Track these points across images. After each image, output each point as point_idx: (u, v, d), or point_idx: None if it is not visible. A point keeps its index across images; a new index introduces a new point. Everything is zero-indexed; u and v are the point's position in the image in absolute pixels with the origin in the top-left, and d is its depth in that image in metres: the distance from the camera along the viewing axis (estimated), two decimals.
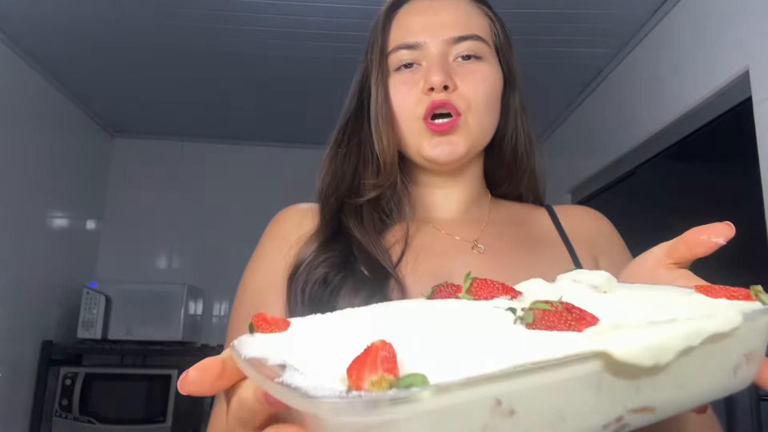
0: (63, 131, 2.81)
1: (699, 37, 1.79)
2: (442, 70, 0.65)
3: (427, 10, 0.69)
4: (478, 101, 0.66)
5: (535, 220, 0.74)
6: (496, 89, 0.69)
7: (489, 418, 0.25)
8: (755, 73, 1.53)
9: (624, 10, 2.01)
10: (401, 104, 0.67)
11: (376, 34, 0.71)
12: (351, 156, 0.72)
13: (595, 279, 0.39)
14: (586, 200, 2.76)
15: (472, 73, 0.67)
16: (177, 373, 2.60)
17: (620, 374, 0.29)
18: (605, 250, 0.71)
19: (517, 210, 0.76)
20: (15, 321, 2.45)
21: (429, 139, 0.66)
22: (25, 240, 2.51)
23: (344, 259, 0.64)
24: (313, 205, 0.73)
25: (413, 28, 0.68)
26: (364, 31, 0.75)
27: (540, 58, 2.34)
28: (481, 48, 0.68)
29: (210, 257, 3.25)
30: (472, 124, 0.66)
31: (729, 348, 0.32)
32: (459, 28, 0.67)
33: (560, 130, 2.99)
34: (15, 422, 2.50)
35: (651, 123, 2.05)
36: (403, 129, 0.68)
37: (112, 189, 3.30)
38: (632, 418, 0.30)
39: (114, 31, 2.23)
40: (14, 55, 2.36)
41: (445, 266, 0.66)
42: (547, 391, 0.27)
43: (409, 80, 0.67)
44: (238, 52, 2.37)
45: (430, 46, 0.67)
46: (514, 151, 0.74)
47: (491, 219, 0.73)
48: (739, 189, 1.81)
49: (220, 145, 3.40)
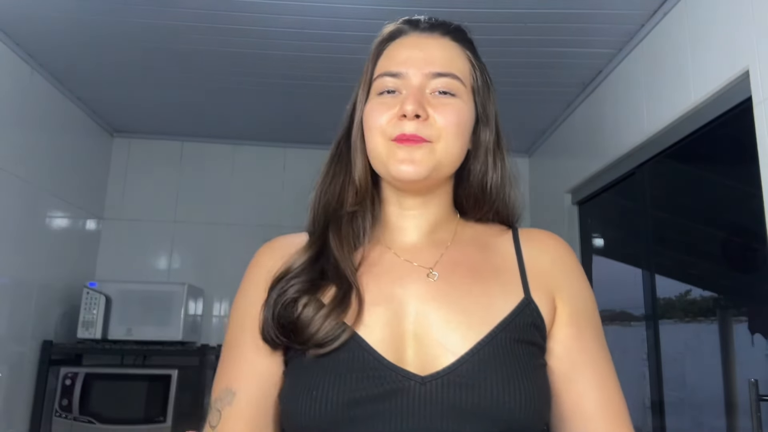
0: (63, 131, 2.82)
1: (699, 37, 1.79)
2: (416, 101, 0.71)
3: (414, 46, 0.76)
4: (448, 131, 0.72)
5: (498, 245, 0.78)
6: (467, 123, 0.75)
7: None
8: (755, 73, 1.53)
9: (624, 10, 2.01)
10: (375, 120, 0.73)
11: (367, 63, 0.79)
12: (339, 175, 0.79)
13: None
14: (586, 200, 2.76)
15: (445, 105, 0.72)
16: (177, 373, 2.60)
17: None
18: (563, 289, 0.73)
19: (484, 233, 0.80)
20: (15, 321, 2.45)
21: (396, 153, 0.71)
22: (25, 240, 2.51)
23: (313, 284, 0.70)
24: (292, 238, 0.79)
25: (399, 59, 0.75)
26: (364, 31, 0.78)
27: (540, 58, 2.34)
28: (457, 86, 0.74)
29: (210, 257, 3.25)
30: (439, 148, 0.71)
31: None
32: (439, 65, 0.74)
33: (560, 130, 2.99)
34: (15, 422, 2.50)
35: (651, 123, 2.05)
36: (373, 145, 0.73)
37: (112, 189, 3.30)
38: None
39: (114, 32, 2.23)
40: (14, 55, 2.36)
41: (397, 292, 0.70)
42: None
43: (387, 103, 0.73)
44: (238, 52, 2.37)
45: (412, 77, 0.73)
46: (482, 184, 0.79)
47: (454, 243, 0.77)
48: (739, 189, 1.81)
49: (220, 145, 3.40)
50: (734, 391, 1.82)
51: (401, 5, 1.90)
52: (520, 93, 2.69)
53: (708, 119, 1.81)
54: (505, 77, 2.50)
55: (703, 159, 2.01)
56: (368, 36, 0.81)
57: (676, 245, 2.14)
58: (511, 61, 2.36)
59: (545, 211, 3.18)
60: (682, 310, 2.13)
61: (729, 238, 1.92)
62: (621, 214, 2.52)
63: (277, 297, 0.69)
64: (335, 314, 0.66)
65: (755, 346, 1.76)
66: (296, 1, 2.00)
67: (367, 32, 2.17)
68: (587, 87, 2.58)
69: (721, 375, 1.88)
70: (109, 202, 3.28)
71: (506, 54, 2.30)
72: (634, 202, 2.35)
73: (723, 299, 1.99)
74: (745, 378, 1.60)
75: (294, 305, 0.68)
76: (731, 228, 1.91)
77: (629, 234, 2.37)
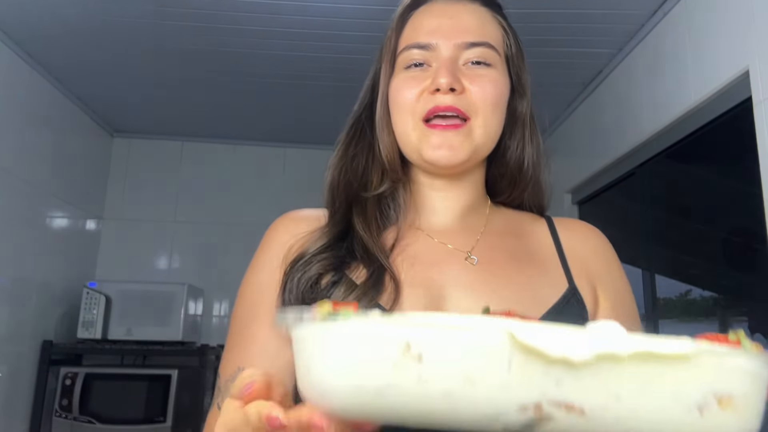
0: (63, 131, 2.81)
1: (699, 37, 1.79)
2: (450, 73, 0.64)
3: (442, 13, 0.69)
4: (486, 104, 0.66)
5: (534, 233, 0.73)
6: (504, 95, 0.69)
7: (399, 357, 0.31)
8: (755, 73, 1.52)
9: (624, 10, 2.01)
10: (403, 99, 0.67)
11: (390, 33, 0.72)
12: (361, 154, 0.72)
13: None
14: (586, 200, 2.76)
15: (481, 77, 0.67)
16: (177, 373, 2.60)
17: (531, 358, 0.31)
18: (604, 280, 0.70)
19: (517, 220, 0.75)
20: (15, 321, 2.45)
21: (429, 138, 0.65)
22: (25, 240, 2.51)
23: (341, 261, 0.65)
24: (310, 212, 0.73)
25: (427, 29, 0.68)
26: (365, 31, 0.76)
27: (540, 58, 2.34)
28: (492, 56, 0.68)
29: (210, 257, 3.25)
30: (477, 129, 0.66)
31: (684, 379, 0.32)
32: (472, 34, 0.68)
33: (560, 130, 2.99)
34: (15, 422, 2.50)
35: (651, 123, 2.05)
36: (403, 126, 0.68)
37: (112, 189, 3.30)
38: (556, 413, 0.32)
39: (114, 32, 2.23)
40: (14, 55, 2.35)
41: (436, 277, 0.65)
42: (453, 349, 0.31)
43: (417, 77, 0.67)
44: (238, 52, 2.37)
45: (442, 48, 0.67)
46: (519, 161, 0.73)
47: (488, 228, 0.72)
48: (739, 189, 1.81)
49: (220, 145, 3.40)
50: None
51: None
52: None
53: (708, 119, 1.81)
54: None
55: (703, 159, 2.01)
56: (368, 36, 0.81)
57: (676, 245, 2.14)
58: None
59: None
60: (682, 310, 2.13)
61: (729, 238, 1.92)
62: (621, 214, 2.52)
63: (301, 276, 0.63)
64: (370, 296, 0.61)
65: None
66: (296, 0, 2.00)
67: (367, 32, 2.17)
68: (587, 87, 2.58)
69: None
70: (109, 202, 3.27)
71: None
72: (634, 202, 2.35)
73: (723, 299, 1.99)
74: None
75: (317, 284, 0.63)
76: (731, 228, 1.91)
77: (629, 234, 2.36)
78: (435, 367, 0.31)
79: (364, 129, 0.74)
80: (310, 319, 0.33)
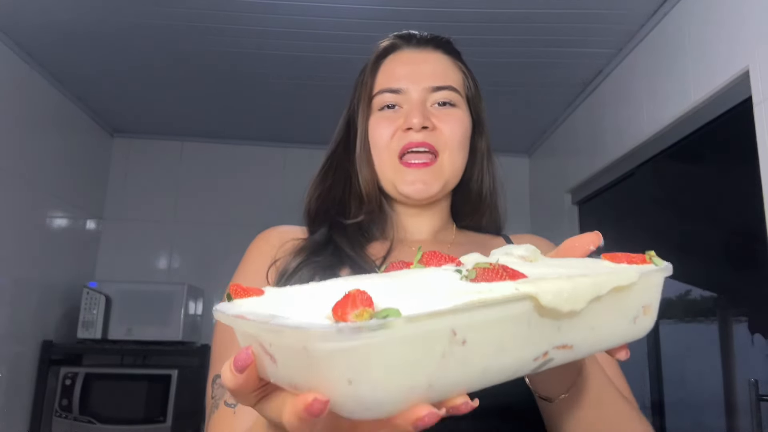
0: (63, 131, 2.82)
1: (699, 37, 1.79)
2: (421, 113, 0.74)
3: (410, 61, 0.79)
4: (454, 141, 0.75)
5: (495, 246, 0.79)
6: (468, 132, 0.79)
7: (447, 346, 0.31)
8: (755, 73, 1.53)
9: (624, 10, 2.01)
10: (379, 137, 0.76)
11: (365, 78, 0.81)
12: (338, 184, 0.81)
13: (522, 251, 0.46)
14: (586, 200, 2.76)
15: (448, 115, 0.76)
16: (177, 373, 2.60)
17: (545, 316, 0.35)
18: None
19: (478, 238, 0.84)
20: (15, 321, 2.45)
21: (404, 176, 0.74)
22: (25, 240, 2.51)
23: (330, 263, 0.71)
24: (294, 228, 0.80)
25: (397, 76, 0.78)
26: (364, 31, 0.78)
27: (540, 58, 2.34)
28: (456, 97, 0.78)
29: (210, 257, 3.25)
30: (446, 164, 0.75)
31: (629, 299, 0.40)
32: (437, 79, 0.77)
33: (560, 129, 2.99)
34: (15, 422, 2.50)
35: (651, 123, 2.05)
36: (379, 162, 0.76)
37: (112, 189, 3.30)
38: (555, 354, 0.37)
39: (114, 32, 2.23)
40: (14, 55, 2.35)
41: None
42: (491, 325, 0.33)
43: (389, 118, 0.76)
44: (238, 52, 2.37)
45: (412, 92, 0.76)
46: (479, 190, 0.83)
47: (455, 243, 0.81)
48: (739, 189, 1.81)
49: (220, 145, 3.40)
50: (734, 391, 1.82)
51: (402, 5, 1.90)
52: (521, 92, 2.70)
53: (708, 119, 1.81)
54: (505, 77, 2.50)
55: (703, 159, 2.01)
56: (368, 36, 0.82)
57: (676, 245, 2.14)
58: (512, 61, 2.36)
59: (545, 211, 3.18)
60: (682, 309, 2.13)
61: (729, 237, 1.92)
62: (621, 214, 2.52)
63: (295, 282, 0.66)
64: None
65: (755, 346, 1.76)
66: (296, 1, 2.00)
67: (367, 32, 2.17)
68: (587, 87, 2.58)
69: (721, 375, 1.88)
70: (109, 202, 3.28)
71: (507, 54, 2.29)
72: (634, 202, 2.35)
73: (723, 299, 1.99)
74: (745, 378, 1.60)
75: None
76: (731, 228, 1.91)
77: (629, 234, 2.36)
78: (477, 346, 0.32)
79: (342, 162, 0.81)
80: (346, 329, 0.28)
